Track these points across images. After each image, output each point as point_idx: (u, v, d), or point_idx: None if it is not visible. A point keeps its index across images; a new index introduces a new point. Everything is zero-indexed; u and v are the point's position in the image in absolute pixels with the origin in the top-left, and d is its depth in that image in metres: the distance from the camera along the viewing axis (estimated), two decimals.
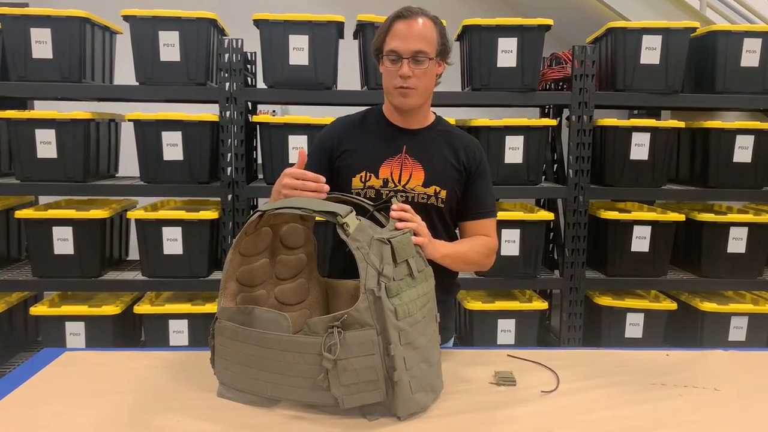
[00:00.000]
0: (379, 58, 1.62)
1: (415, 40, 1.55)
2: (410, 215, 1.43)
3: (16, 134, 2.83)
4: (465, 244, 1.68)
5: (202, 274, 2.92)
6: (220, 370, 1.38)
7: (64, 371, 1.53)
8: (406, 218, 1.41)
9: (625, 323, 3.06)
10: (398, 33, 1.56)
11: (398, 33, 1.56)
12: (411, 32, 1.56)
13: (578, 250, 3.03)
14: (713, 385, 1.49)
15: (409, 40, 1.55)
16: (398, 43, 1.56)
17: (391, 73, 1.58)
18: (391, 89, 1.61)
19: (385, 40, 1.58)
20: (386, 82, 1.62)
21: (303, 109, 3.62)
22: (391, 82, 1.59)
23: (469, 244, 1.68)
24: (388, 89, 1.63)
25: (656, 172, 3.02)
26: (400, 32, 1.56)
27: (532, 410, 1.35)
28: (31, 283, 2.94)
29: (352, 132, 1.70)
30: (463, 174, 1.69)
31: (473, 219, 1.71)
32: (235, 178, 2.92)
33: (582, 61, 2.95)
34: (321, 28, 2.85)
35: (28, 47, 2.81)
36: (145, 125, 2.85)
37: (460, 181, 1.68)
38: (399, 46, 1.55)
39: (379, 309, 1.22)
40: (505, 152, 2.94)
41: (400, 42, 1.56)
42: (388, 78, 1.61)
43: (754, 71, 2.99)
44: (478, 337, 3.00)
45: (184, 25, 2.83)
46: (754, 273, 3.08)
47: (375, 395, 1.24)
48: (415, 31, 1.56)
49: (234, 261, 1.41)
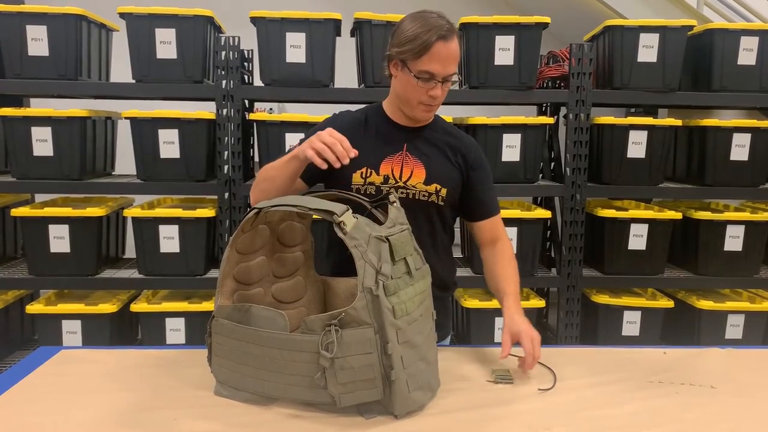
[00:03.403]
0: (403, 63, 1.55)
1: (452, 64, 1.53)
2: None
3: (12, 132, 2.82)
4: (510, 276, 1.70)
5: (199, 272, 2.92)
6: (217, 368, 1.37)
7: (60, 369, 1.53)
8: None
9: (622, 321, 3.07)
10: (439, 56, 1.51)
11: (439, 56, 1.51)
12: (449, 56, 1.52)
13: (575, 248, 3.03)
14: (710, 383, 1.50)
15: (447, 64, 1.52)
16: (437, 67, 1.51)
17: (420, 90, 1.55)
18: (414, 103, 1.58)
19: (421, 59, 1.51)
20: (410, 95, 1.58)
21: (300, 107, 3.62)
22: (418, 97, 1.56)
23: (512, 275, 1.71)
24: (410, 102, 1.59)
25: (653, 170, 3.02)
26: (441, 55, 1.51)
27: (529, 408, 1.35)
28: (28, 281, 2.93)
29: (354, 129, 1.69)
30: (463, 173, 1.69)
31: (483, 219, 1.73)
32: (231, 176, 2.91)
33: (579, 59, 2.95)
34: (318, 26, 2.84)
35: (24, 44, 2.80)
36: (141, 123, 2.84)
37: (460, 180, 1.68)
38: (438, 69, 1.51)
39: (376, 307, 1.21)
40: (502, 150, 2.94)
41: (439, 66, 1.51)
42: (413, 93, 1.56)
43: (751, 69, 3.00)
44: (475, 335, 3.00)
45: (181, 22, 2.82)
46: (750, 271, 3.09)
47: (372, 394, 1.24)
48: (452, 53, 1.52)
49: (231, 259, 1.41)
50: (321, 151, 1.41)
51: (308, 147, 1.43)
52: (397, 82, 1.60)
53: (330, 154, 1.40)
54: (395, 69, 1.59)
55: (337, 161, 1.41)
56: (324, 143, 1.41)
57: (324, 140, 1.42)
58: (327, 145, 1.41)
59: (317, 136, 1.44)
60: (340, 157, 1.41)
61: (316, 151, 1.42)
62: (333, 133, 1.45)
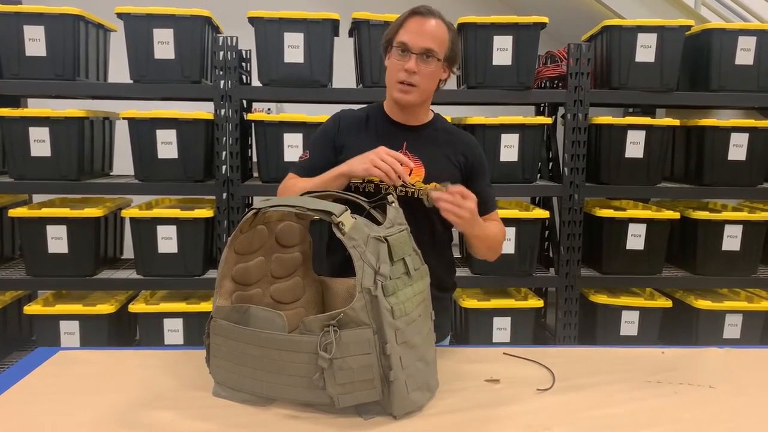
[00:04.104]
0: (388, 50, 1.63)
1: (426, 38, 1.56)
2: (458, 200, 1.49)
3: (10, 132, 2.81)
4: (492, 228, 1.69)
5: (197, 273, 2.91)
6: (216, 369, 1.37)
7: (58, 370, 1.52)
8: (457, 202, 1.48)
9: (621, 321, 3.07)
10: (411, 28, 1.57)
11: (411, 28, 1.57)
12: (424, 29, 1.57)
13: (573, 248, 3.04)
14: (708, 383, 1.50)
15: (421, 36, 1.56)
16: (410, 37, 1.56)
17: (397, 66, 1.59)
18: (393, 82, 1.61)
19: (398, 32, 1.59)
20: (390, 75, 1.62)
21: (298, 107, 3.61)
22: (395, 75, 1.60)
23: (496, 229, 1.71)
24: (390, 82, 1.63)
25: (651, 170, 3.03)
26: (414, 28, 1.57)
27: (527, 408, 1.35)
28: (25, 281, 2.93)
29: (354, 127, 1.70)
30: (463, 172, 1.70)
31: (481, 216, 1.72)
32: (230, 176, 2.91)
33: (577, 59, 2.95)
34: (316, 26, 2.84)
35: (22, 45, 2.79)
36: (139, 123, 2.84)
37: (460, 178, 1.68)
38: (410, 40, 1.56)
39: (375, 308, 1.21)
40: (500, 150, 2.94)
41: (412, 36, 1.56)
42: (392, 71, 1.61)
43: (749, 69, 3.00)
44: (473, 335, 3.00)
45: (179, 22, 2.81)
46: (748, 271, 3.10)
47: (371, 394, 1.24)
48: (428, 29, 1.57)
49: (229, 259, 1.41)
50: (387, 172, 1.46)
51: (370, 165, 1.47)
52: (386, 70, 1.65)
53: (393, 176, 1.47)
54: (387, 59, 1.64)
55: (397, 181, 1.48)
56: (385, 162, 1.47)
57: (385, 159, 1.47)
58: (388, 164, 1.47)
59: (376, 153, 1.49)
60: (400, 175, 1.47)
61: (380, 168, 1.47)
62: (389, 151, 1.50)
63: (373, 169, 1.47)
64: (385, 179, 1.48)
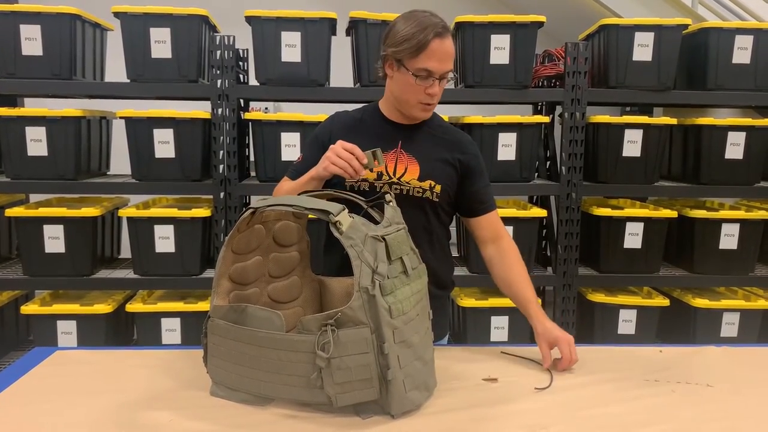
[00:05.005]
0: (399, 63, 1.56)
1: (448, 61, 1.56)
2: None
3: (6, 132, 2.80)
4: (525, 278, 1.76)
5: (195, 272, 2.91)
6: (213, 369, 1.37)
7: (55, 370, 1.52)
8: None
9: (618, 320, 3.07)
10: (435, 53, 1.53)
11: (435, 53, 1.53)
12: (445, 53, 1.55)
13: (571, 247, 3.04)
14: (706, 381, 1.50)
15: (444, 61, 1.55)
16: (435, 64, 1.54)
17: (418, 89, 1.57)
18: (413, 102, 1.60)
19: (419, 57, 1.53)
20: (408, 94, 1.59)
21: (295, 107, 3.60)
22: (416, 96, 1.58)
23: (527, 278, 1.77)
24: (408, 102, 1.61)
25: (648, 168, 3.03)
26: (437, 53, 1.53)
27: (525, 407, 1.35)
28: (22, 281, 2.92)
29: (349, 127, 1.70)
30: (458, 170, 1.69)
31: (480, 215, 1.74)
32: (227, 175, 2.91)
33: (575, 58, 2.95)
34: (313, 25, 2.84)
35: (18, 44, 2.78)
36: (136, 123, 2.83)
37: (455, 176, 1.69)
38: (435, 67, 1.54)
39: (373, 307, 1.21)
40: (497, 149, 2.94)
41: (436, 63, 1.54)
42: (411, 92, 1.58)
43: (746, 68, 3.00)
44: (471, 334, 3.01)
45: (176, 21, 2.81)
46: (745, 269, 3.10)
47: (369, 393, 1.24)
48: (448, 51, 1.55)
49: (227, 259, 1.41)
50: (344, 168, 1.50)
51: (329, 164, 1.51)
52: (394, 82, 1.62)
53: (351, 171, 1.50)
54: (391, 69, 1.61)
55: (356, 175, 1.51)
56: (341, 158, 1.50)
57: (341, 155, 1.50)
58: (345, 160, 1.50)
59: (332, 151, 1.51)
60: (357, 171, 1.51)
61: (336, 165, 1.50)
62: (345, 145, 1.51)
63: (331, 166, 1.50)
64: (344, 175, 1.50)
